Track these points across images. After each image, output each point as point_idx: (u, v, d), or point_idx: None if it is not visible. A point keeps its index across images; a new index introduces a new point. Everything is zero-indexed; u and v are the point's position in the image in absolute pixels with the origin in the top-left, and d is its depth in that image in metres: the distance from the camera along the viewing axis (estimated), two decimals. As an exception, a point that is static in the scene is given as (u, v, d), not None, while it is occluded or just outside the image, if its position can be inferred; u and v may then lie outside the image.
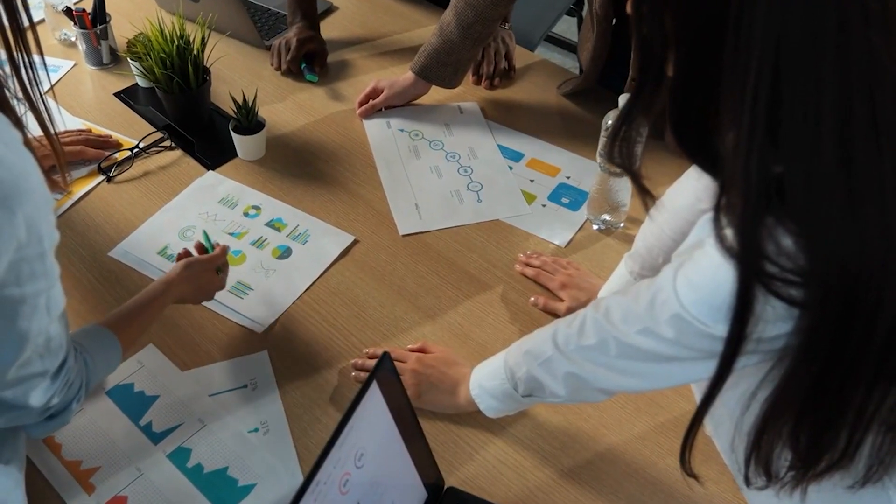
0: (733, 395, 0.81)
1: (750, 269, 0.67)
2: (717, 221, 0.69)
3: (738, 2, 0.63)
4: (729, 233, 0.68)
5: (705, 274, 0.73)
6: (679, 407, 1.14)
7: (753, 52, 0.62)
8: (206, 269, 1.19)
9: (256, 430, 1.11)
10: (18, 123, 0.83)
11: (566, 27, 3.37)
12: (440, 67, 1.59)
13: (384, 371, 0.88)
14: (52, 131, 0.91)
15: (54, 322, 0.83)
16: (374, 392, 0.87)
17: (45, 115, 0.90)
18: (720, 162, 0.70)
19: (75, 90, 1.73)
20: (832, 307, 0.65)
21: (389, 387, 0.90)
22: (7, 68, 0.85)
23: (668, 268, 0.80)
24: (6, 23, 0.82)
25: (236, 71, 1.77)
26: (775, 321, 0.69)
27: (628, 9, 0.75)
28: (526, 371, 0.98)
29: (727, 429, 0.88)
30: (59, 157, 0.98)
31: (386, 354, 0.89)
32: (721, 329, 0.72)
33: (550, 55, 3.43)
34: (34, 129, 0.89)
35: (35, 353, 0.82)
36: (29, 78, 0.88)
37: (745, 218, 0.66)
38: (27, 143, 0.82)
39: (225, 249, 1.24)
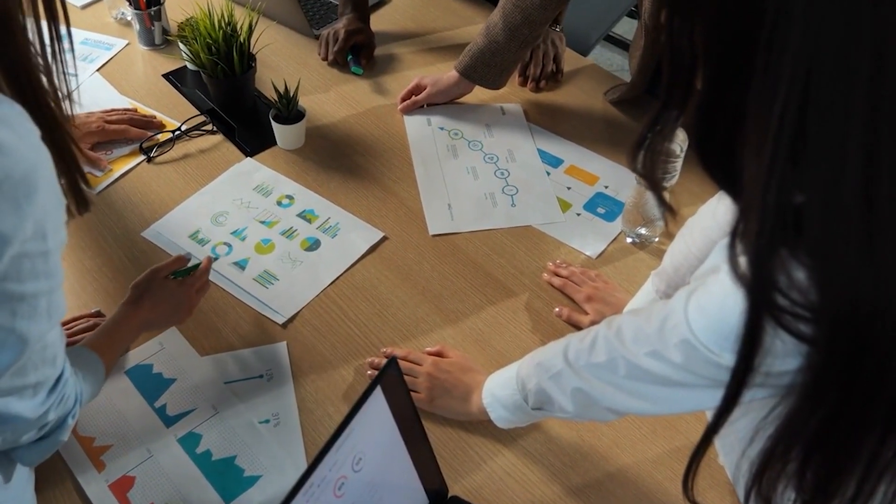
0: (744, 424, 0.78)
1: (760, 300, 0.64)
2: (731, 248, 0.66)
3: (771, 24, 0.60)
4: (743, 260, 0.65)
5: (716, 300, 0.71)
6: (697, 432, 1.10)
7: (782, 78, 0.59)
8: (154, 282, 1.14)
9: (267, 421, 1.12)
10: (54, 107, 0.83)
11: (628, 28, 3.32)
12: (484, 68, 1.57)
13: (389, 377, 0.87)
14: (70, 112, 0.88)
15: (53, 329, 0.80)
16: (378, 397, 0.86)
17: (63, 94, 0.87)
18: (741, 185, 0.68)
19: (126, 69, 1.75)
20: (841, 347, 0.62)
21: (394, 392, 0.89)
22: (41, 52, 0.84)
23: (681, 291, 0.78)
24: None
25: (283, 58, 1.78)
26: (784, 356, 0.66)
27: (662, 18, 0.73)
28: (536, 383, 0.96)
29: (735, 457, 0.85)
30: (76, 142, 0.97)
31: (393, 360, 0.88)
32: (728, 358, 0.70)
33: (610, 56, 3.38)
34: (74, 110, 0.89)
35: (31, 361, 0.79)
36: (53, 53, 0.85)
37: (759, 246, 0.63)
38: (57, 130, 0.82)
39: (179, 259, 1.19)
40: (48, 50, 0.84)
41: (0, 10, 0.74)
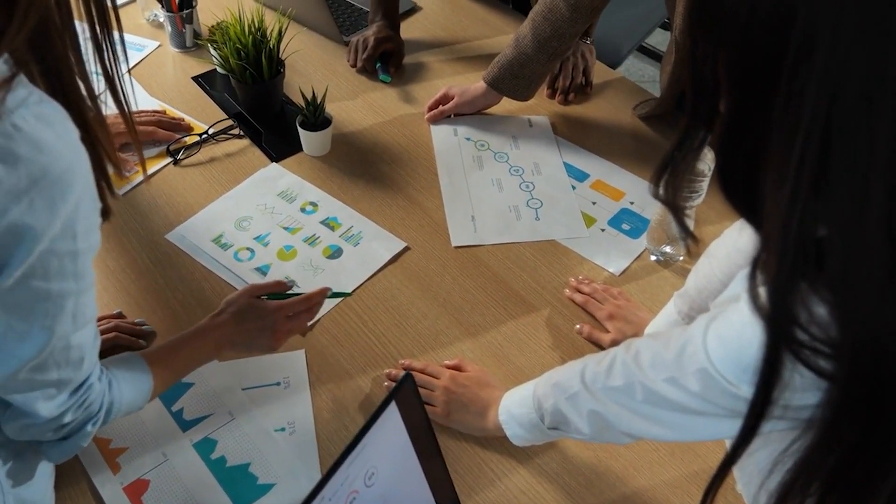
0: (764, 455, 0.77)
1: (779, 334, 0.63)
2: (752, 278, 0.65)
3: (795, 54, 0.59)
4: (763, 291, 0.64)
5: (735, 331, 0.70)
6: (715, 456, 1.09)
7: (805, 109, 0.58)
8: (244, 298, 1.11)
9: (283, 429, 1.12)
10: (93, 99, 0.83)
11: (662, 38, 3.30)
12: (512, 80, 1.56)
13: (405, 391, 0.87)
14: (128, 110, 0.90)
15: (80, 331, 0.79)
16: (392, 412, 0.85)
17: (121, 94, 0.88)
18: (763, 216, 0.67)
19: (157, 71, 1.76)
20: (862, 384, 0.61)
21: (409, 407, 0.88)
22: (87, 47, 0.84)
23: (701, 318, 0.76)
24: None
25: (312, 64, 1.78)
26: (804, 391, 0.65)
27: (686, 40, 0.72)
28: (553, 404, 0.95)
29: (754, 489, 0.84)
30: (135, 136, 0.98)
31: (408, 375, 0.88)
32: (746, 390, 0.69)
33: (642, 66, 3.36)
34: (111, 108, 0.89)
35: (52, 358, 0.78)
36: (109, 55, 0.86)
37: (778, 280, 0.62)
38: (97, 127, 0.82)
39: (279, 283, 1.15)
40: (106, 56, 0.85)
41: (40, 14, 0.75)
